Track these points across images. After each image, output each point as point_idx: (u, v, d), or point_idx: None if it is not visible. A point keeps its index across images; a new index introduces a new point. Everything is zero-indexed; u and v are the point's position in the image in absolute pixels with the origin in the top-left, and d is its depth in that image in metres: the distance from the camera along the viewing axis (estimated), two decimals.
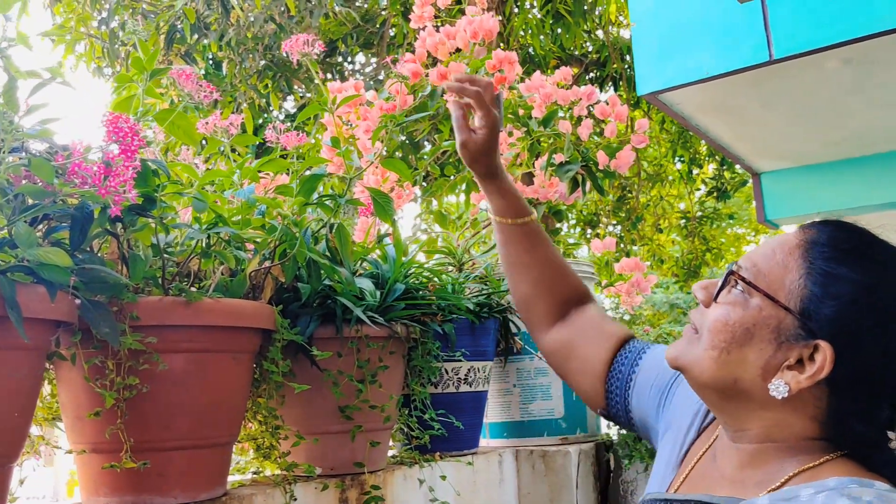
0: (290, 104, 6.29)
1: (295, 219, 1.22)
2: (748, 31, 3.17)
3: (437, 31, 1.92)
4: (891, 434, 0.84)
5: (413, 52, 1.88)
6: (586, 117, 1.74)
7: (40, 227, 1.00)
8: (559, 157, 1.78)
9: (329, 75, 6.07)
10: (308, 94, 5.19)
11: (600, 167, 1.68)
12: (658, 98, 3.43)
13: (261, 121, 5.45)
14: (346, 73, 5.64)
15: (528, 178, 1.93)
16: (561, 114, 1.73)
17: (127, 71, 1.15)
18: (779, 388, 0.82)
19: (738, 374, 0.86)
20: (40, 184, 0.90)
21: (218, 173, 1.23)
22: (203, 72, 5.38)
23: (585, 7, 5.43)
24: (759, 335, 0.85)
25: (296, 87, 5.12)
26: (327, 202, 1.31)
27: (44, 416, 1.18)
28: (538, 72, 1.92)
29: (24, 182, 0.90)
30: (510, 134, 1.84)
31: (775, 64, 3.12)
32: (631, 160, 1.67)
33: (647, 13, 3.47)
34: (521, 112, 2.01)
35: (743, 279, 0.87)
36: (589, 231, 9.73)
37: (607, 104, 1.78)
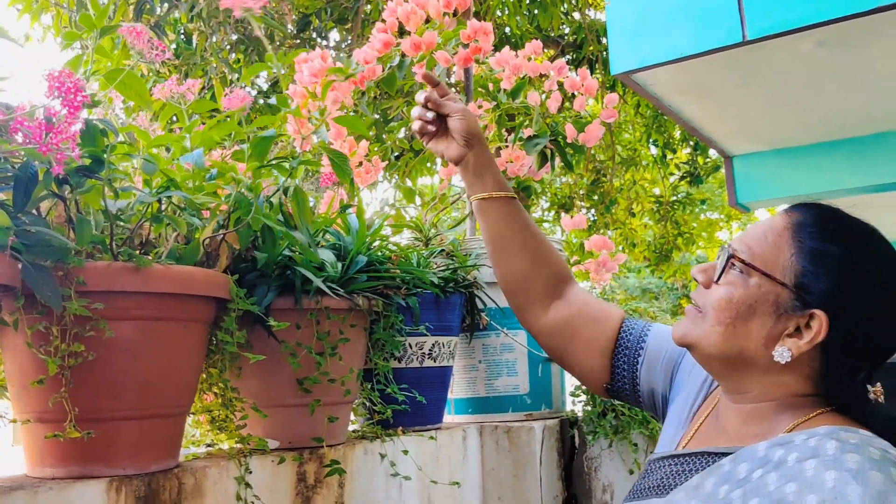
0: (262, 80, 6.20)
1: (249, 183, 1.18)
2: (723, 11, 3.15)
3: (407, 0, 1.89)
4: (869, 387, 0.94)
5: (384, 22, 1.85)
6: (556, 91, 1.71)
7: None
8: (528, 132, 1.76)
9: (302, 49, 5.94)
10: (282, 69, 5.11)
11: (569, 140, 1.65)
12: (631, 78, 3.39)
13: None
14: (320, 48, 5.55)
15: (498, 154, 1.91)
16: (531, 84, 1.71)
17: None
18: (783, 354, 0.93)
19: (743, 345, 0.96)
20: None
21: (168, 138, 1.19)
22: (174, 45, 5.28)
23: None
24: (760, 309, 0.95)
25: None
26: (282, 163, 1.27)
27: None
28: (507, 47, 1.89)
29: None
30: (480, 107, 1.81)
31: (749, 45, 3.10)
32: (600, 134, 1.65)
33: None
34: (490, 87, 1.98)
35: (742, 261, 0.97)
36: (563, 214, 9.73)
37: (577, 76, 1.76)
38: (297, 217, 1.25)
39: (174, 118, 1.35)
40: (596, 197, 9.36)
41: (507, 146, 1.76)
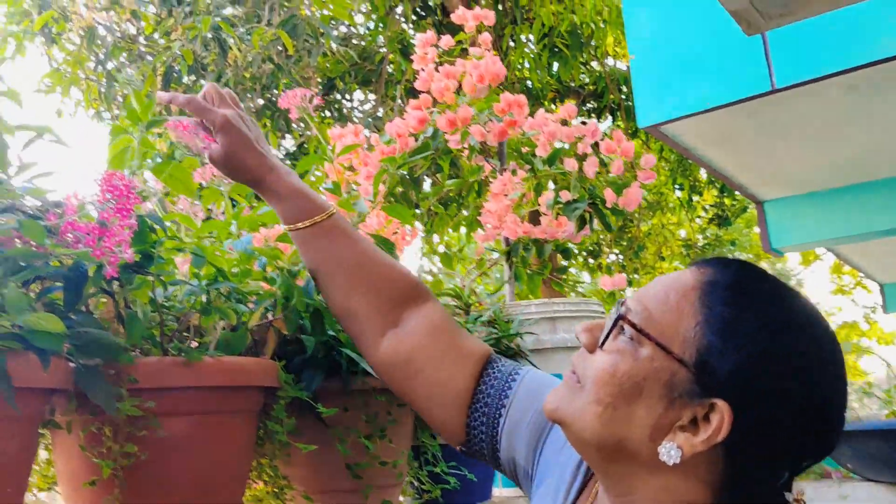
0: (288, 142, 6.28)
1: (294, 269, 1.18)
2: (749, 61, 3.15)
3: (438, 69, 1.90)
4: (788, 495, 0.76)
5: (417, 93, 1.85)
6: (591, 154, 1.71)
7: (33, 286, 0.96)
8: (565, 195, 1.75)
9: (327, 113, 6.06)
10: (307, 132, 5.19)
11: (608, 205, 1.64)
12: (659, 130, 3.40)
13: None
14: (345, 110, 5.64)
15: (534, 217, 1.90)
16: (566, 148, 1.70)
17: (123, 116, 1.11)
18: (670, 452, 0.73)
19: (624, 434, 0.75)
20: (32, 245, 0.86)
21: (215, 224, 1.19)
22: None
23: (582, 40, 5.45)
24: (648, 390, 0.74)
25: (294, 125, 5.12)
26: None
27: (39, 485, 1.13)
28: (542, 109, 1.89)
29: (15, 243, 0.86)
30: (514, 173, 1.80)
31: (777, 93, 3.09)
32: (639, 197, 1.64)
33: (646, 45, 3.45)
34: (524, 150, 1.98)
35: (633, 325, 0.76)
36: (591, 261, 9.69)
37: (611, 139, 1.75)
38: None
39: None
40: (624, 242, 9.32)
41: (545, 213, 1.75)
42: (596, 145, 1.86)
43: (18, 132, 0.90)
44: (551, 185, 1.90)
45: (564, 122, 1.87)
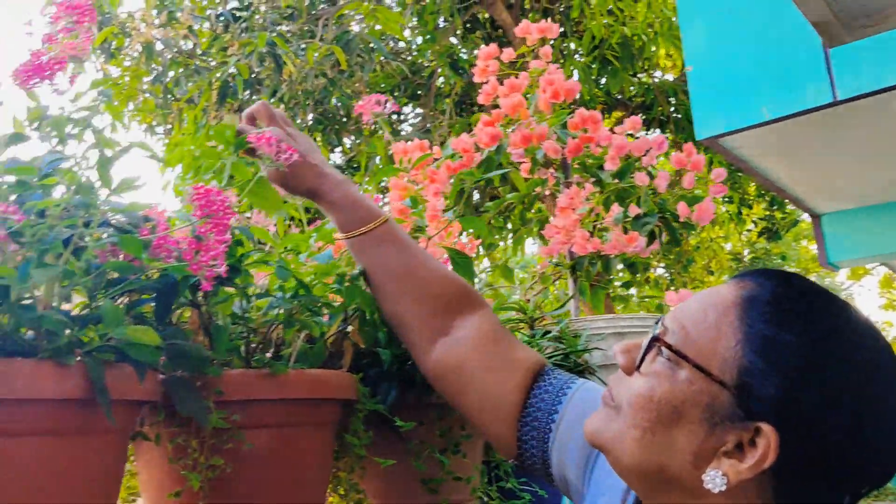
0: (338, 156, 6.34)
1: None
2: (810, 73, 3.10)
3: (501, 83, 1.89)
4: None
5: (464, 105, 1.85)
6: (663, 170, 1.69)
7: (122, 300, 0.97)
8: (633, 210, 1.73)
9: (374, 127, 6.11)
10: (357, 147, 5.23)
11: (681, 219, 1.62)
12: (717, 142, 3.36)
13: None
14: (394, 124, 5.67)
15: (601, 236, 1.88)
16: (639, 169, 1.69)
17: (180, 127, 1.13)
18: (714, 479, 0.68)
19: (665, 460, 0.72)
20: (126, 258, 0.87)
21: (295, 238, 1.19)
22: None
23: (633, 52, 5.41)
24: (688, 414, 0.70)
25: (344, 139, 5.16)
26: None
27: (122, 497, 1.14)
28: (601, 123, 1.88)
29: (110, 258, 0.87)
30: (580, 186, 1.79)
31: (839, 105, 3.04)
32: (712, 211, 1.61)
33: (703, 56, 3.42)
34: (588, 162, 1.96)
35: (669, 346, 0.72)
36: (638, 274, 9.59)
37: (682, 152, 1.73)
38: None
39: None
40: (672, 256, 9.21)
41: (612, 228, 1.73)
42: (665, 157, 1.84)
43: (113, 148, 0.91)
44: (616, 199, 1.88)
45: (629, 136, 1.85)
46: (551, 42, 2.00)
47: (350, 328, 1.22)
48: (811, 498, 0.69)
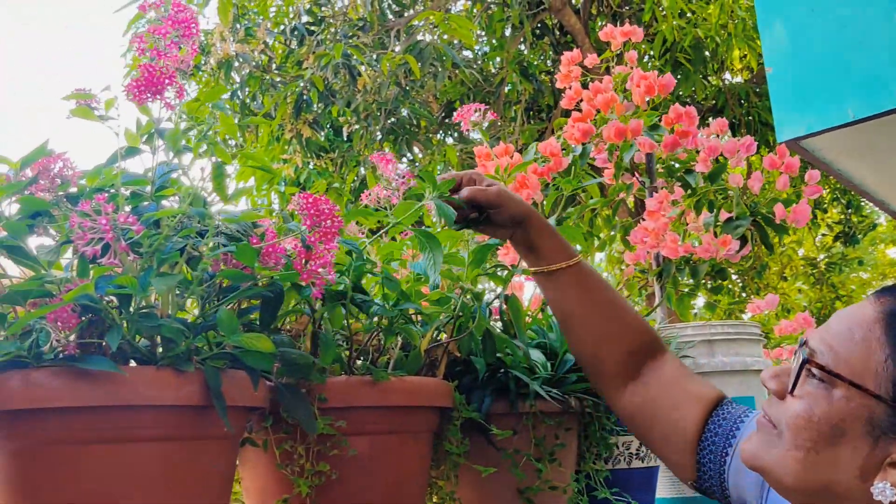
0: (403, 164, 6.39)
1: (474, 291, 1.18)
2: (894, 71, 3.00)
3: (585, 88, 1.88)
4: None
5: (532, 112, 1.84)
6: (757, 171, 1.65)
7: (231, 307, 0.99)
8: (723, 214, 1.69)
9: (440, 135, 6.14)
10: (427, 155, 5.26)
11: (776, 221, 1.58)
12: (800, 145, 3.27)
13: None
14: (464, 132, 5.67)
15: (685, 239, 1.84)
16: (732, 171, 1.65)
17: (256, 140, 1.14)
18: (885, 490, 0.70)
19: (830, 477, 0.74)
20: (239, 267, 0.89)
21: (392, 247, 1.20)
22: (323, 137, 5.53)
23: (706, 55, 5.32)
24: (851, 431, 0.73)
25: (415, 148, 5.20)
26: (500, 272, 1.26)
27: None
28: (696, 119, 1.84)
29: (223, 267, 0.89)
30: (671, 191, 1.76)
31: None
32: (808, 213, 1.57)
33: (783, 57, 3.33)
34: (675, 166, 1.93)
35: (821, 367, 0.75)
36: (709, 283, 9.40)
37: (775, 155, 1.69)
38: (515, 324, 1.23)
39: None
40: (746, 262, 9.01)
41: (700, 228, 1.69)
42: (750, 160, 1.80)
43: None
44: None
45: (717, 137, 1.82)
46: (622, 46, 1.97)
47: (448, 338, 1.22)
48: None
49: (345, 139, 5.00)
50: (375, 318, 1.07)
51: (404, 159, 6.24)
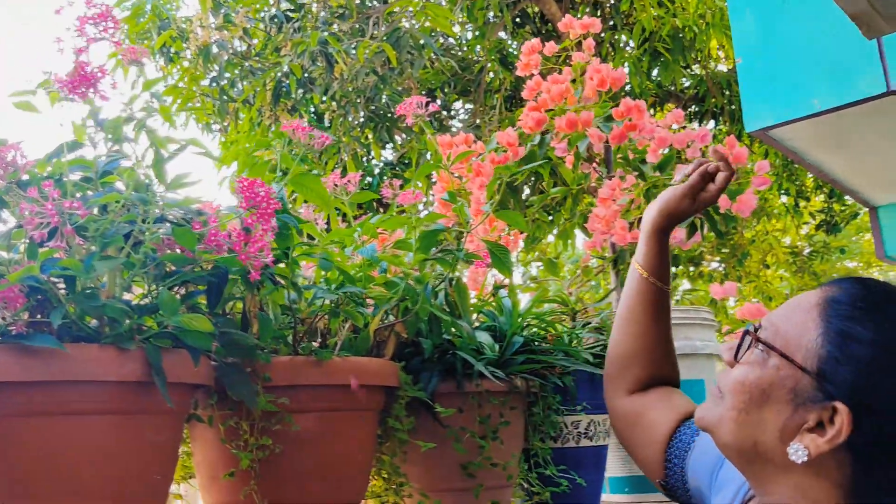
0: (388, 152, 6.42)
1: (417, 275, 1.22)
2: (862, 62, 3.05)
3: (544, 78, 1.92)
4: None
5: (514, 101, 1.88)
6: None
7: (179, 291, 1.03)
8: None
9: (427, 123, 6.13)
10: (408, 143, 5.29)
11: (721, 211, 1.63)
12: (768, 134, 3.32)
13: (361, 171, 5.56)
14: (444, 120, 5.73)
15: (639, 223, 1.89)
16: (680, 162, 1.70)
17: (236, 126, 1.18)
18: (797, 451, 0.80)
19: (757, 437, 0.84)
20: (181, 251, 0.93)
21: (341, 232, 1.25)
22: (306, 124, 5.52)
23: (685, 44, 5.36)
24: (775, 396, 0.83)
25: (395, 135, 5.23)
26: (445, 257, 1.31)
27: (179, 475, 1.21)
28: (647, 115, 1.89)
29: (166, 250, 0.93)
30: (622, 179, 1.81)
31: (893, 95, 2.98)
32: (754, 203, 1.62)
33: (753, 48, 3.38)
34: (631, 155, 1.98)
35: (759, 339, 0.86)
36: (692, 268, 9.48)
37: (724, 145, 1.74)
38: (460, 306, 1.28)
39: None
40: (727, 249, 9.07)
41: None
42: (704, 150, 1.84)
43: (167, 145, 0.97)
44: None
45: (671, 128, 1.87)
46: (601, 35, 2.01)
47: (395, 320, 1.26)
48: (884, 476, 0.78)
49: (327, 126, 5.03)
50: (318, 301, 1.12)
51: (388, 147, 6.28)
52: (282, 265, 1.04)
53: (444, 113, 6.09)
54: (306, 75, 4.13)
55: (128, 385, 0.88)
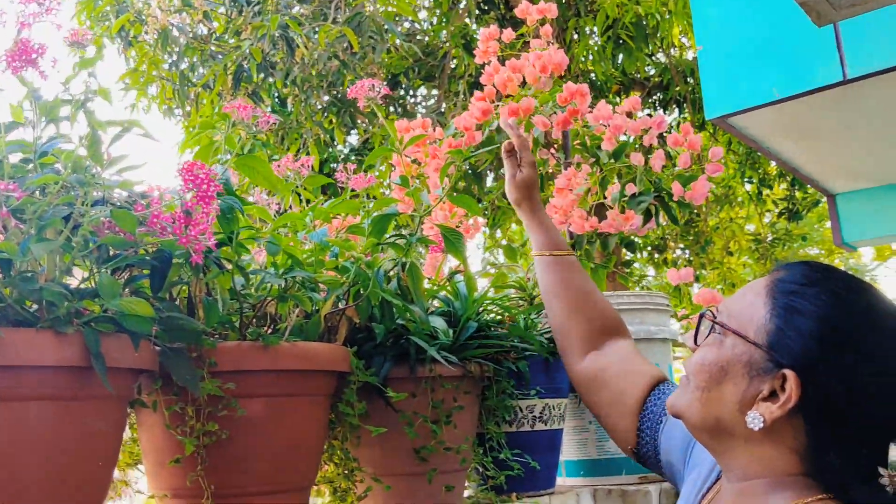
0: (353, 138, 6.38)
1: (367, 259, 1.22)
2: (820, 51, 3.09)
3: (503, 64, 1.92)
4: (882, 471, 0.84)
5: (479, 87, 1.88)
6: (657, 147, 1.70)
7: (122, 275, 1.02)
8: (631, 189, 1.75)
9: (392, 109, 6.14)
10: (371, 129, 5.27)
11: (675, 198, 1.64)
12: (727, 122, 3.36)
13: (325, 155, 5.53)
14: (409, 106, 5.70)
15: (599, 210, 1.90)
16: (630, 141, 1.71)
17: (197, 111, 1.17)
18: (754, 419, 0.87)
19: (719, 412, 0.91)
20: (122, 234, 0.92)
21: (291, 216, 1.23)
22: (269, 109, 5.49)
23: (647, 31, 5.38)
24: (732, 371, 0.90)
25: (359, 121, 5.20)
26: (398, 241, 1.30)
27: (125, 462, 1.20)
28: (603, 101, 1.89)
29: (107, 233, 0.92)
30: (578, 166, 1.81)
31: (850, 83, 3.02)
32: (706, 190, 1.63)
33: (713, 36, 3.41)
34: (588, 142, 1.98)
35: (713, 320, 0.94)
36: (656, 255, 9.57)
37: (679, 132, 1.75)
38: (412, 290, 1.27)
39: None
40: (691, 237, 9.17)
41: (611, 207, 1.75)
42: (662, 138, 1.85)
43: (108, 127, 0.96)
44: (617, 178, 1.90)
45: (629, 115, 1.87)
46: (566, 22, 2.00)
47: (346, 305, 1.26)
48: (836, 439, 0.85)
49: (290, 111, 4.98)
50: (266, 285, 1.11)
51: (353, 133, 6.25)
52: (228, 249, 1.03)
53: (410, 99, 6.07)
54: (267, 59, 4.08)
55: (66, 370, 0.86)
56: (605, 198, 1.90)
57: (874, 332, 0.87)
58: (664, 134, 1.84)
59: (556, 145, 2.05)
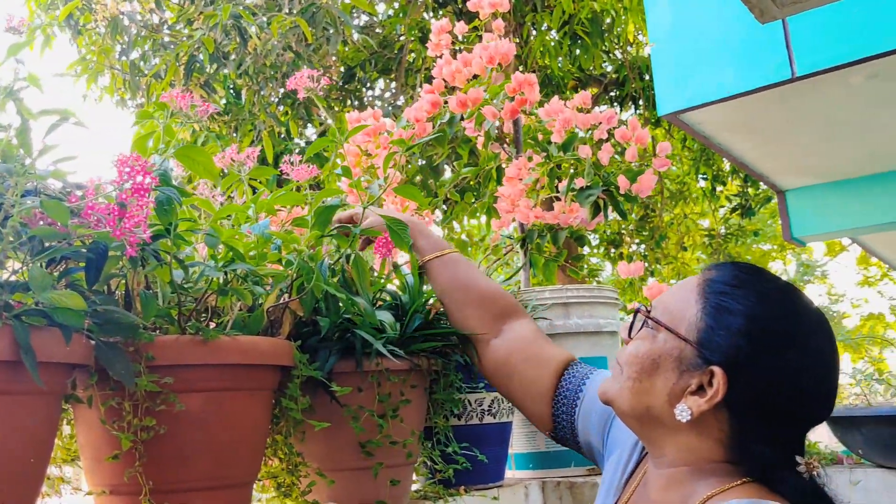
0: (310, 131, 6.33)
1: (311, 252, 1.20)
2: (769, 49, 3.14)
3: (455, 57, 1.91)
4: (799, 459, 0.90)
5: (430, 81, 1.88)
6: (606, 141, 1.72)
7: (58, 267, 0.99)
8: (580, 182, 1.76)
9: (348, 102, 6.10)
10: (330, 122, 5.23)
11: (622, 192, 1.65)
12: (679, 118, 3.40)
13: (281, 148, 5.47)
14: (366, 99, 5.67)
15: (549, 204, 1.91)
16: (581, 135, 1.72)
17: (149, 102, 1.14)
18: (682, 412, 0.92)
19: (649, 402, 0.96)
20: (55, 226, 0.89)
21: (233, 208, 1.22)
22: (224, 101, 5.42)
23: (603, 28, 5.42)
24: (663, 365, 0.95)
25: (315, 114, 5.15)
26: (342, 233, 1.29)
27: (63, 458, 1.17)
28: (556, 96, 1.90)
29: (39, 224, 0.89)
30: (530, 159, 1.82)
31: (798, 81, 3.08)
32: (653, 184, 1.64)
33: (666, 33, 3.45)
34: (539, 137, 1.99)
35: (647, 315, 0.98)
36: (612, 250, 9.66)
37: (627, 127, 1.76)
38: (357, 283, 1.26)
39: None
40: (646, 232, 9.27)
41: (559, 199, 1.76)
42: (612, 132, 1.87)
43: (42, 117, 0.93)
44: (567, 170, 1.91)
45: (580, 110, 1.88)
46: (523, 18, 2.01)
47: (289, 298, 1.24)
48: (759, 430, 0.91)
49: (243, 102, 4.92)
50: (206, 278, 1.09)
51: (308, 126, 6.19)
52: (166, 241, 1.01)
53: (368, 92, 6.03)
54: (220, 50, 4.02)
55: None
56: (557, 191, 1.91)
57: (800, 332, 0.92)
58: (612, 129, 1.86)
59: (507, 139, 2.06)
